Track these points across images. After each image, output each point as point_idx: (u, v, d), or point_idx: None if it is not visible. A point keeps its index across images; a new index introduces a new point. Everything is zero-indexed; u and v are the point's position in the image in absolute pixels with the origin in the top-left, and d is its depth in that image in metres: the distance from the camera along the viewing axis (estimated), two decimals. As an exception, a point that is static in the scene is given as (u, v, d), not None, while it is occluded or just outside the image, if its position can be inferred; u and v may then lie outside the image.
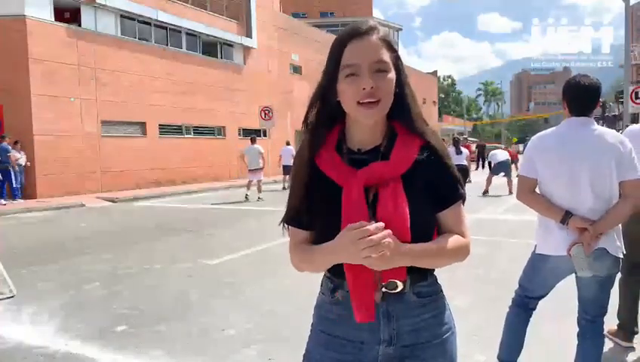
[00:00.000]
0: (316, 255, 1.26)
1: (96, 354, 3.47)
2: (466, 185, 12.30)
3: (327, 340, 1.31)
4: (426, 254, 1.20)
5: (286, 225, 1.36)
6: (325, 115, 1.27)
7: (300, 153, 1.32)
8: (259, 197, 13.50)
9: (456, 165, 1.33)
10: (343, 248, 1.13)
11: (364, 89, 1.16)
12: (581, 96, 2.52)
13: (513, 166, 20.60)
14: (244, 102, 22.34)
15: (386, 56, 1.19)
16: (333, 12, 48.96)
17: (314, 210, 1.29)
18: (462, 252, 1.27)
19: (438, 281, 1.34)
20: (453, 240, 1.25)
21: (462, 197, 1.29)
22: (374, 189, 1.21)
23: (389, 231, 1.11)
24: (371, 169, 1.21)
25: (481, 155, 27.80)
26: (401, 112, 1.25)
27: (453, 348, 1.33)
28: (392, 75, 1.20)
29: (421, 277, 1.27)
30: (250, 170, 13.87)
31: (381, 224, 1.11)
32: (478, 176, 19.95)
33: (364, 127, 1.26)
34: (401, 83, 1.24)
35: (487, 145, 33.32)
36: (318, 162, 1.27)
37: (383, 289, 1.23)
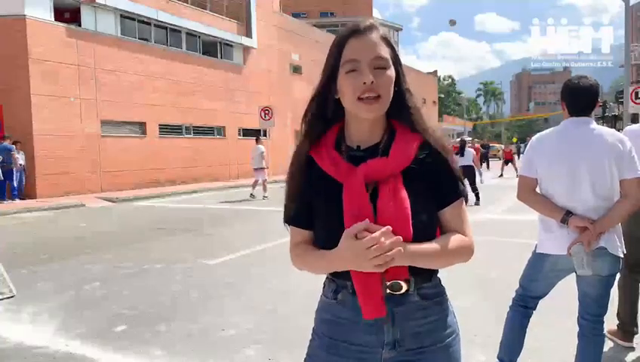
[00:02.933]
0: (320, 261, 1.24)
1: (96, 354, 3.47)
2: (477, 185, 11.60)
3: (329, 343, 1.29)
4: (426, 253, 1.18)
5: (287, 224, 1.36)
6: (324, 111, 1.28)
7: (298, 151, 1.31)
8: (264, 196, 13.76)
9: (463, 166, 1.31)
10: (350, 258, 1.12)
11: (364, 83, 1.16)
12: (579, 97, 2.53)
13: (510, 165, 20.67)
14: (244, 102, 22.33)
15: (386, 53, 1.20)
16: (333, 12, 48.92)
17: (314, 208, 1.28)
18: (464, 252, 1.25)
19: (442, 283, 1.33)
20: (455, 240, 1.23)
21: (463, 196, 1.27)
22: (373, 185, 1.20)
23: (398, 237, 1.10)
24: (371, 165, 1.20)
25: (484, 155, 28.05)
26: (400, 110, 1.26)
27: (458, 351, 1.31)
28: (392, 71, 1.21)
29: (425, 278, 1.25)
30: (254, 170, 14.32)
31: (388, 228, 1.10)
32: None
33: (364, 125, 1.25)
34: (399, 81, 1.24)
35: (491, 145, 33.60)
36: (318, 160, 1.26)
37: (388, 291, 1.21)
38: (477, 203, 10.90)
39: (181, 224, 9.77)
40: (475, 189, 11.05)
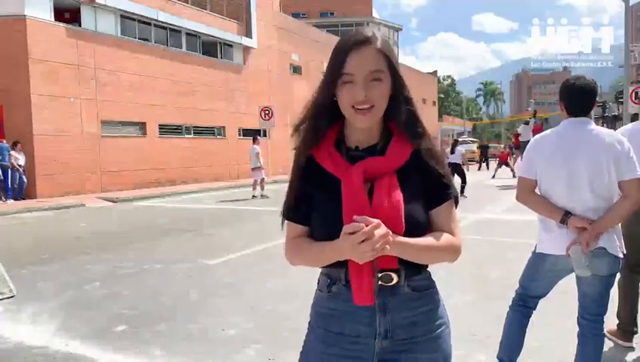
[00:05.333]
0: (320, 252, 1.29)
1: (96, 354, 3.47)
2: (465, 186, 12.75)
3: (324, 336, 1.34)
4: (415, 246, 1.24)
5: (284, 220, 1.40)
6: (325, 113, 1.32)
7: (300, 149, 1.36)
8: (262, 195, 14.08)
9: (452, 163, 1.38)
10: (348, 249, 1.17)
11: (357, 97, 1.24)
12: (576, 98, 2.53)
13: (506, 167, 20.64)
14: (244, 102, 22.33)
15: (383, 65, 1.26)
16: (333, 12, 48.92)
17: (314, 204, 1.33)
18: (452, 250, 1.31)
19: (433, 278, 1.38)
20: (443, 238, 1.29)
21: (452, 197, 1.34)
22: (370, 182, 1.27)
23: (387, 231, 1.15)
24: (368, 162, 1.28)
25: (484, 155, 28.33)
26: (396, 115, 1.31)
27: (448, 342, 1.37)
28: (387, 83, 1.26)
29: (415, 270, 1.31)
30: (252, 170, 14.54)
31: (378, 222, 1.15)
32: (479, 175, 19.95)
33: (361, 128, 1.31)
34: (397, 87, 1.29)
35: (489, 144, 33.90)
36: (318, 158, 1.32)
37: (379, 282, 1.26)
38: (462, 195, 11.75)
39: (181, 224, 9.78)
40: (464, 180, 12.57)
